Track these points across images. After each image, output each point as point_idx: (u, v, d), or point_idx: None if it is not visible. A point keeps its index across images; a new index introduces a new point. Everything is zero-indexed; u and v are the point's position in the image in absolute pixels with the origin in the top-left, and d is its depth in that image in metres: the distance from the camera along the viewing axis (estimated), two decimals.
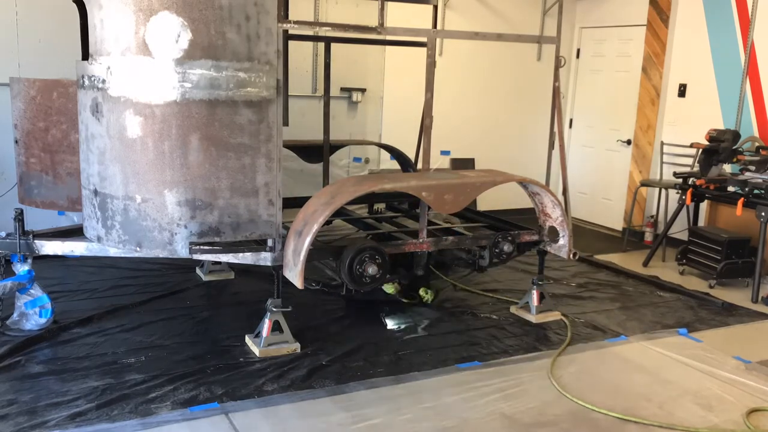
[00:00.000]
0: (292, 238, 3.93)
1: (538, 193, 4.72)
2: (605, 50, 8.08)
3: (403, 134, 7.02)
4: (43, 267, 5.34)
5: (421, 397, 3.68)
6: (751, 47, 6.42)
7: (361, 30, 4.49)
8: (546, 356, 4.26)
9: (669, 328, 4.83)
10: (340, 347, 4.25)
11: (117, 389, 3.57)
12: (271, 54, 3.82)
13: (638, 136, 7.57)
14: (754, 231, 5.72)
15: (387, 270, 4.14)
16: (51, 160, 4.47)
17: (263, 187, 3.93)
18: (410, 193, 4.22)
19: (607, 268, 6.29)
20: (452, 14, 7.55)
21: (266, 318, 4.09)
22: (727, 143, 5.96)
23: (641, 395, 3.80)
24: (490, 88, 8.03)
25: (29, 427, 3.17)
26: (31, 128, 4.43)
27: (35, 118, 4.41)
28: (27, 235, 4.18)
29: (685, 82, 7.09)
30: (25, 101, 4.42)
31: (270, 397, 3.58)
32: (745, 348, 4.51)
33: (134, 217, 3.87)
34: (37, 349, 4.01)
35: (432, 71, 4.40)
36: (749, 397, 3.81)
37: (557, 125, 4.89)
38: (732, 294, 5.66)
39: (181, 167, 3.77)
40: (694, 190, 6.13)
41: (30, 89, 4.39)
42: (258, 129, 3.85)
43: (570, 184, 4.99)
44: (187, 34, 3.65)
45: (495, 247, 4.62)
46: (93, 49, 3.96)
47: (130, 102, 3.75)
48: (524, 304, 4.98)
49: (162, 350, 4.09)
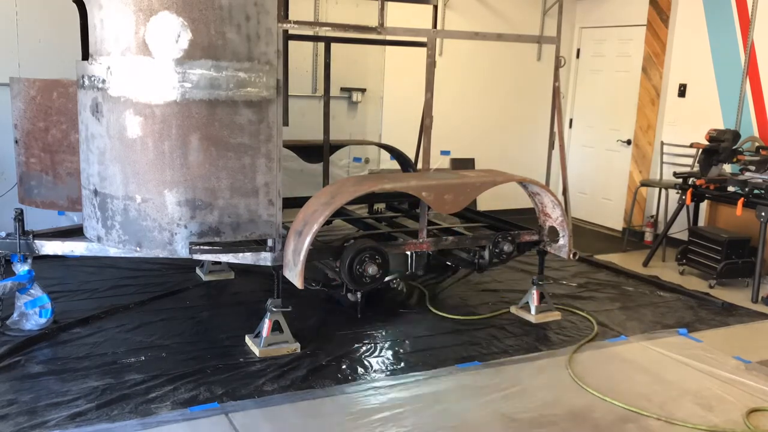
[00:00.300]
0: (292, 238, 3.93)
1: (538, 193, 4.72)
2: (605, 50, 8.08)
3: (403, 134, 7.02)
4: (44, 267, 5.34)
5: (421, 397, 3.68)
6: (751, 47, 6.42)
7: (361, 30, 4.49)
8: (545, 356, 4.26)
9: (669, 328, 4.83)
10: (340, 347, 4.25)
11: (117, 389, 3.57)
12: (271, 54, 3.82)
13: (638, 136, 7.57)
14: (754, 231, 5.72)
15: (387, 270, 4.14)
16: (51, 160, 4.47)
17: (263, 187, 3.93)
18: (410, 193, 4.22)
19: (607, 268, 6.30)
20: (452, 14, 7.55)
21: (266, 318, 4.09)
22: (727, 143, 5.96)
23: (641, 395, 3.80)
24: (490, 88, 8.03)
25: (29, 427, 3.17)
26: (31, 128, 4.43)
27: (35, 118, 4.41)
28: (27, 235, 4.18)
29: (685, 82, 7.09)
30: (25, 101, 4.42)
31: (270, 397, 3.58)
32: (745, 348, 4.51)
33: (134, 217, 3.87)
34: (37, 349, 4.01)
35: (432, 71, 4.40)
36: (749, 397, 3.81)
37: (557, 125, 4.89)
38: (732, 294, 5.66)
39: (181, 167, 3.77)
40: (694, 190, 6.13)
41: (30, 89, 4.39)
42: (258, 129, 3.85)
43: (570, 184, 4.99)
44: (187, 34, 3.65)
45: (495, 247, 4.62)
46: (93, 49, 3.96)
47: (130, 102, 3.75)
48: (524, 304, 4.98)
49: (162, 350, 4.09)
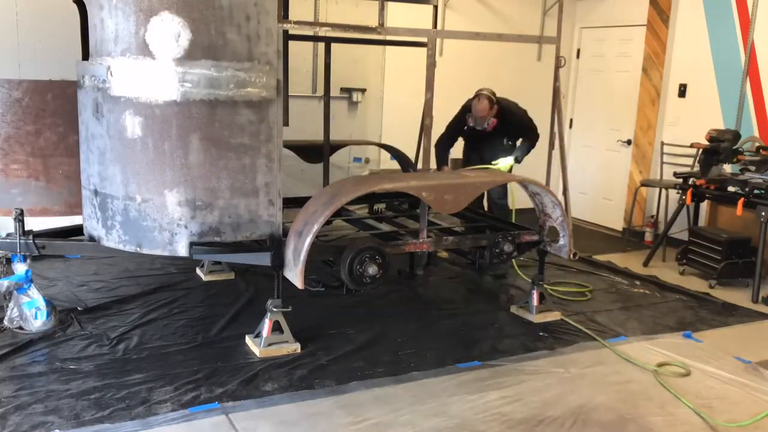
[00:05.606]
0: (292, 238, 3.93)
1: (538, 193, 4.72)
2: (605, 50, 8.08)
3: (403, 134, 7.02)
4: (44, 267, 5.35)
5: (421, 397, 3.68)
6: (751, 47, 6.42)
7: (361, 30, 4.49)
8: (545, 356, 4.26)
9: (669, 328, 4.83)
10: (340, 347, 4.25)
11: (117, 389, 3.57)
12: (271, 54, 3.82)
13: (638, 136, 7.57)
14: (755, 231, 5.72)
15: (387, 270, 4.14)
16: (43, 165, 4.32)
17: (263, 188, 3.93)
18: (410, 193, 4.22)
19: (607, 268, 6.30)
20: (452, 14, 7.55)
21: (266, 318, 4.09)
22: (727, 143, 5.96)
23: (642, 395, 3.80)
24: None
25: (29, 427, 3.17)
26: (13, 132, 4.25)
27: (21, 121, 4.25)
28: (27, 235, 4.17)
29: (685, 82, 7.09)
30: (6, 104, 4.22)
31: (270, 397, 3.58)
32: (745, 348, 4.51)
33: (134, 217, 3.87)
34: (37, 349, 4.01)
35: (432, 71, 4.40)
36: (749, 397, 3.81)
37: (557, 125, 4.89)
38: (732, 294, 5.66)
39: (181, 167, 3.77)
40: (694, 190, 6.13)
41: (13, 91, 4.23)
42: (258, 129, 3.85)
43: (570, 184, 4.98)
44: (187, 34, 3.65)
45: (495, 247, 4.62)
46: (93, 49, 3.96)
47: (130, 102, 3.75)
48: (524, 304, 4.98)
49: (162, 350, 4.08)
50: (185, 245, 3.87)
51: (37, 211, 4.44)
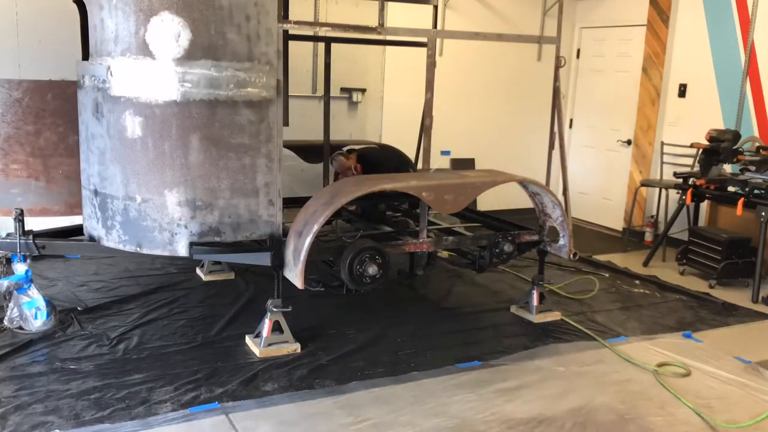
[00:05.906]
0: (293, 239, 3.93)
1: (538, 193, 4.72)
2: (605, 50, 8.08)
3: (403, 134, 7.02)
4: (44, 267, 5.35)
5: (421, 397, 3.68)
6: (751, 47, 6.42)
7: (361, 30, 4.48)
8: (545, 356, 4.26)
9: (669, 328, 4.83)
10: (340, 347, 4.25)
11: (117, 389, 3.57)
12: (271, 54, 3.82)
13: (638, 136, 7.57)
14: (755, 231, 5.72)
15: (387, 270, 4.14)
16: (43, 165, 4.32)
17: (263, 188, 3.93)
18: (410, 193, 4.22)
19: (608, 268, 6.30)
20: (452, 14, 7.55)
21: (266, 318, 4.09)
22: (727, 143, 5.96)
23: (642, 395, 3.80)
24: (490, 88, 8.03)
25: (29, 427, 3.17)
26: (13, 132, 4.26)
27: (21, 122, 4.25)
28: (27, 235, 4.18)
29: (685, 82, 7.09)
30: (6, 104, 4.23)
31: (270, 397, 3.58)
32: (745, 348, 4.51)
33: (134, 217, 3.87)
34: (37, 349, 4.01)
35: (432, 71, 4.40)
36: (749, 397, 3.81)
37: (557, 125, 4.89)
38: (732, 294, 5.66)
39: (181, 167, 3.77)
40: (694, 190, 6.13)
41: (13, 91, 4.23)
42: (258, 129, 3.85)
43: (570, 184, 4.99)
44: (187, 34, 3.66)
45: (495, 247, 4.62)
46: (93, 49, 3.96)
47: (130, 102, 3.75)
48: (524, 304, 4.98)
49: (162, 350, 4.09)
50: (185, 245, 3.87)
51: (37, 211, 4.44)
